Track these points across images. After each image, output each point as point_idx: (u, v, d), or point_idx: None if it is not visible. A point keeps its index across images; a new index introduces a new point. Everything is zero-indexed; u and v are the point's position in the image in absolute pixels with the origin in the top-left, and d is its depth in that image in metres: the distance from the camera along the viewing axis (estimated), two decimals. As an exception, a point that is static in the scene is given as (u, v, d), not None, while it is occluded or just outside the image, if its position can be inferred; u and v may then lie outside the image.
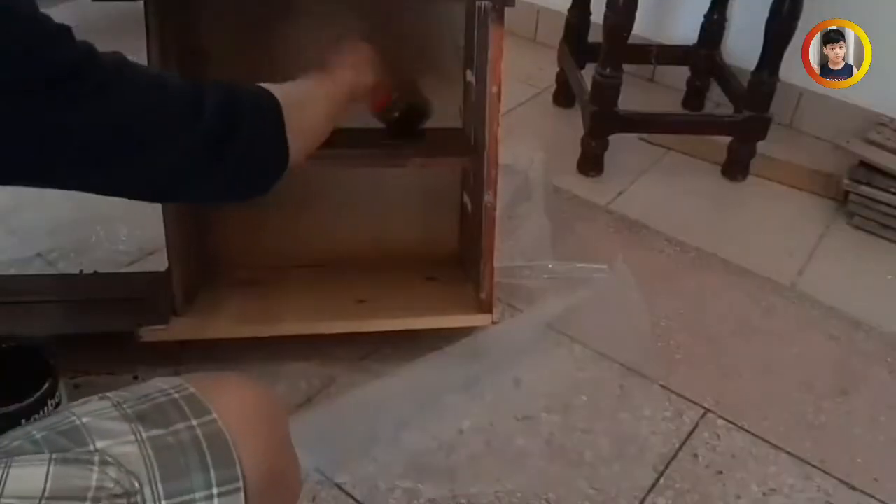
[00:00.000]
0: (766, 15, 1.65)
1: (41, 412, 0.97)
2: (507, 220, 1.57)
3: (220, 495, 0.57)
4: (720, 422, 1.23)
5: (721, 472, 1.16)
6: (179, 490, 0.56)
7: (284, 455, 0.67)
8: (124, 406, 0.59)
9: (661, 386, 1.29)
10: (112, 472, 0.54)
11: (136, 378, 1.22)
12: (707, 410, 1.25)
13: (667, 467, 1.16)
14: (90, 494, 0.52)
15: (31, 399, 0.95)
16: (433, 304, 1.30)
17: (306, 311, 1.26)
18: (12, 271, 1.41)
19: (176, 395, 0.61)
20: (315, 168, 1.31)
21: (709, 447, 1.19)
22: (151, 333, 1.19)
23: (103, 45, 0.64)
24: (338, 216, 1.36)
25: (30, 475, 0.52)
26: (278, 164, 0.79)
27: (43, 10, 0.58)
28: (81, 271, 1.40)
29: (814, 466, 1.18)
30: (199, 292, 1.28)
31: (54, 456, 0.54)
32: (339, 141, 1.27)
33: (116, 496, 0.53)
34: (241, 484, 0.58)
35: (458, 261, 1.40)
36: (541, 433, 1.19)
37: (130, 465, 0.55)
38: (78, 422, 0.57)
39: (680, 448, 1.19)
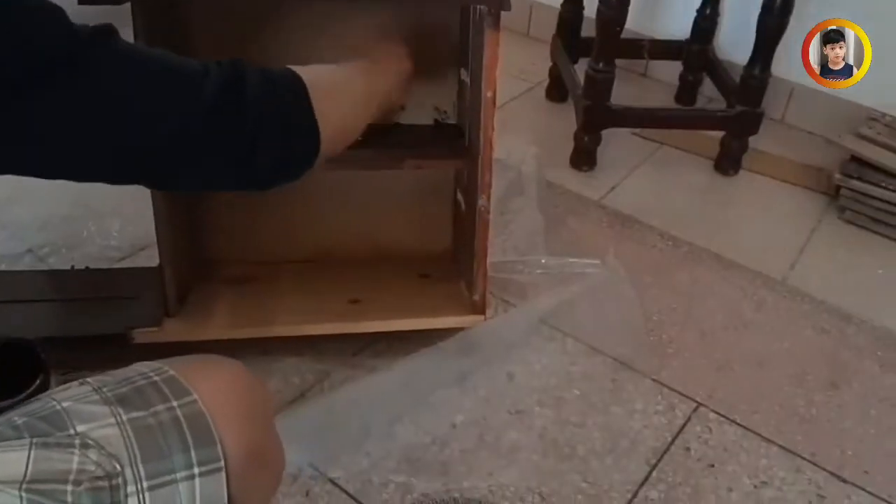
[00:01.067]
0: (758, 10, 1.65)
1: (33, 408, 0.96)
2: (500, 216, 1.57)
3: (201, 475, 0.57)
4: (712, 415, 1.24)
5: (713, 466, 1.16)
6: (161, 470, 0.56)
7: (266, 435, 0.66)
8: (104, 390, 0.59)
9: (654, 380, 1.29)
10: (93, 454, 0.54)
11: (128, 374, 1.21)
12: (699, 404, 1.26)
13: (659, 461, 1.16)
14: (71, 477, 0.53)
15: (23, 395, 0.95)
16: (426, 303, 1.30)
17: (299, 312, 1.26)
18: (2, 267, 1.40)
19: (156, 378, 0.61)
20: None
21: (701, 440, 1.20)
22: (143, 335, 1.19)
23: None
24: (331, 213, 1.35)
25: (11, 460, 0.52)
26: (307, 149, 0.73)
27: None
28: (73, 267, 1.39)
29: (805, 459, 1.18)
30: (190, 290, 1.28)
31: (35, 440, 0.54)
32: None
33: (98, 478, 0.53)
34: (222, 463, 0.58)
35: (452, 258, 1.40)
36: (534, 427, 1.19)
37: (111, 448, 0.55)
38: (58, 406, 0.57)
39: (672, 441, 1.19)
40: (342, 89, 0.83)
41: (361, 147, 1.23)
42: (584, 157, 1.79)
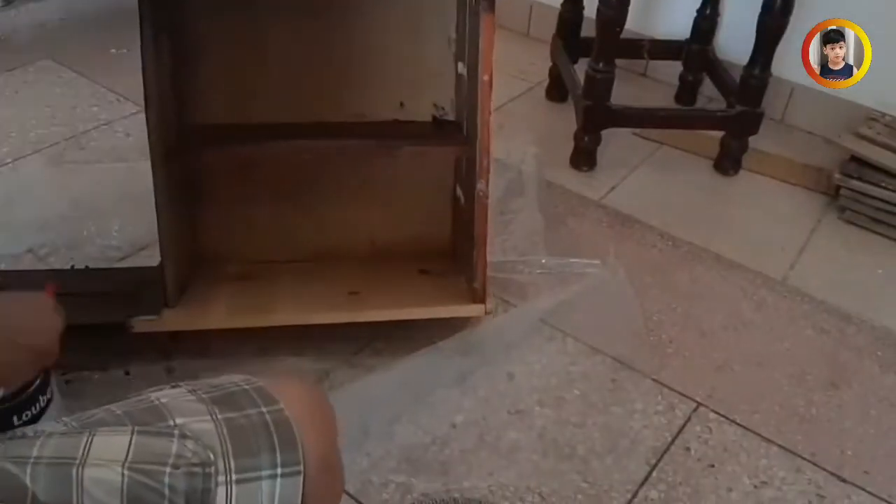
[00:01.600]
0: (758, 10, 1.65)
1: (33, 408, 0.96)
2: (500, 215, 1.57)
3: (283, 475, 0.61)
4: (712, 415, 1.24)
5: (713, 466, 1.16)
6: (249, 466, 0.60)
7: (334, 448, 0.71)
8: (199, 392, 0.64)
9: (654, 380, 1.29)
10: (190, 444, 0.59)
11: (127, 374, 1.21)
12: (699, 404, 1.26)
13: (659, 460, 1.16)
14: (170, 461, 0.57)
15: (23, 395, 0.95)
16: (426, 295, 1.30)
17: (299, 303, 1.26)
18: (3, 267, 1.40)
19: (246, 387, 0.66)
20: (307, 161, 1.32)
21: (701, 440, 1.20)
22: (143, 324, 1.18)
23: (92, 36, 0.63)
24: (330, 209, 1.35)
25: (113, 442, 0.57)
26: None
27: (35, 3, 0.56)
28: (73, 266, 1.39)
29: (805, 459, 1.18)
30: (190, 285, 1.28)
31: (137, 428, 0.59)
32: (331, 132, 1.29)
33: (194, 465, 0.58)
34: (301, 467, 0.62)
35: (451, 254, 1.40)
36: (533, 427, 1.19)
37: (207, 440, 0.60)
38: (157, 402, 0.62)
39: (672, 441, 1.19)
40: None
41: (361, 138, 1.25)
42: (584, 157, 1.79)
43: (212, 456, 0.59)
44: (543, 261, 1.48)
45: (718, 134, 1.81)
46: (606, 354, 1.33)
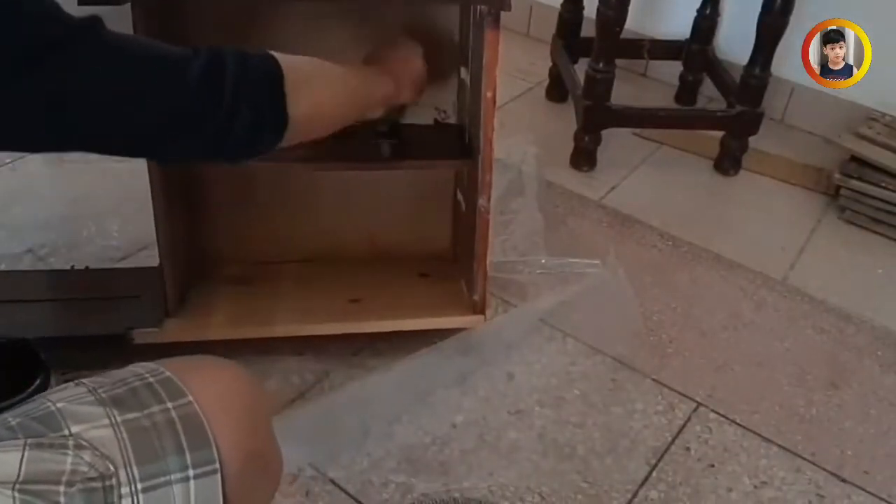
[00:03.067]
0: (758, 10, 1.65)
1: (33, 408, 0.96)
2: (500, 216, 1.57)
3: (196, 477, 0.57)
4: (712, 415, 1.24)
5: (713, 466, 1.17)
6: (155, 472, 0.56)
7: (264, 438, 0.67)
8: (99, 391, 0.59)
9: (654, 380, 1.29)
10: (87, 455, 0.54)
11: (128, 373, 1.21)
12: (699, 404, 1.26)
13: (659, 460, 1.16)
14: (65, 478, 0.53)
15: (23, 395, 0.95)
16: (426, 303, 1.30)
17: (299, 312, 1.26)
18: (2, 267, 1.40)
19: (151, 379, 0.61)
20: (308, 167, 1.32)
21: (701, 440, 1.20)
22: (143, 336, 1.18)
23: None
24: (331, 213, 1.35)
25: (4, 461, 0.52)
26: (274, 129, 0.75)
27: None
28: (73, 267, 1.39)
29: (805, 459, 1.18)
30: (190, 290, 1.28)
31: (29, 441, 0.54)
32: (333, 143, 1.28)
33: (91, 479, 0.53)
34: (217, 465, 0.58)
35: (452, 257, 1.40)
36: (533, 427, 1.20)
37: (105, 449, 0.55)
38: (53, 407, 0.57)
39: (672, 441, 1.19)
40: (325, 81, 0.85)
41: (363, 149, 1.25)
42: (584, 157, 1.79)
43: (111, 467, 0.54)
44: (543, 261, 1.48)
45: (718, 134, 1.81)
46: (606, 354, 1.33)
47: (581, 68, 1.77)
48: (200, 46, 0.69)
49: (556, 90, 2.06)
